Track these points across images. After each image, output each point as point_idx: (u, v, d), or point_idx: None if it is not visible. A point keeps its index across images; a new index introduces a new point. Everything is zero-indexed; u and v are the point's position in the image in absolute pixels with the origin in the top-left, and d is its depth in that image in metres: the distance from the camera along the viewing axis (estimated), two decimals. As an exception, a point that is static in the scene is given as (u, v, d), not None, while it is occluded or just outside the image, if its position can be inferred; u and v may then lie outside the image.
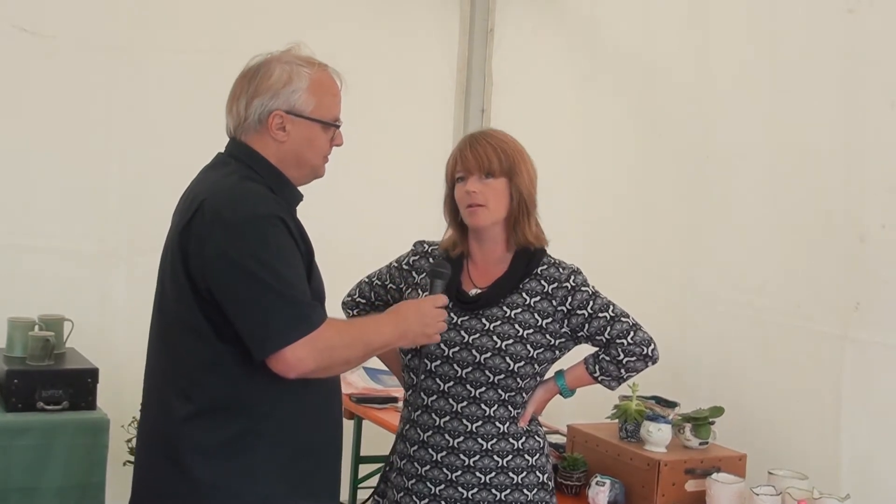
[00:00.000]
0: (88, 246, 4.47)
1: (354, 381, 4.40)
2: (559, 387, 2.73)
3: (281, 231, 2.24)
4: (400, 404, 3.31)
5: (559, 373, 2.74)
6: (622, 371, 2.68)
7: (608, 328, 2.64)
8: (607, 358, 2.67)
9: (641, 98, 4.24)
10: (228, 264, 2.20)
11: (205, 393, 2.28)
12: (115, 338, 4.31)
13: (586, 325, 2.64)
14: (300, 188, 2.46)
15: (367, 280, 2.90)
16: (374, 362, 2.94)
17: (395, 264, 2.83)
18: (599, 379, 2.71)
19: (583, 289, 2.65)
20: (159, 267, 2.41)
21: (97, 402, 3.86)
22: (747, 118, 3.69)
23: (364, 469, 4.48)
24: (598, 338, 2.66)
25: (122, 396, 3.85)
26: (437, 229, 2.85)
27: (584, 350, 2.74)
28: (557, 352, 2.66)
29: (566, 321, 2.63)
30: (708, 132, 3.87)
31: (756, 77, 3.67)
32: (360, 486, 4.47)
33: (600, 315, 2.64)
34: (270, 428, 2.29)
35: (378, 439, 4.04)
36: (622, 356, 2.65)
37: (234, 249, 2.19)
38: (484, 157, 2.61)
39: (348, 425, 4.34)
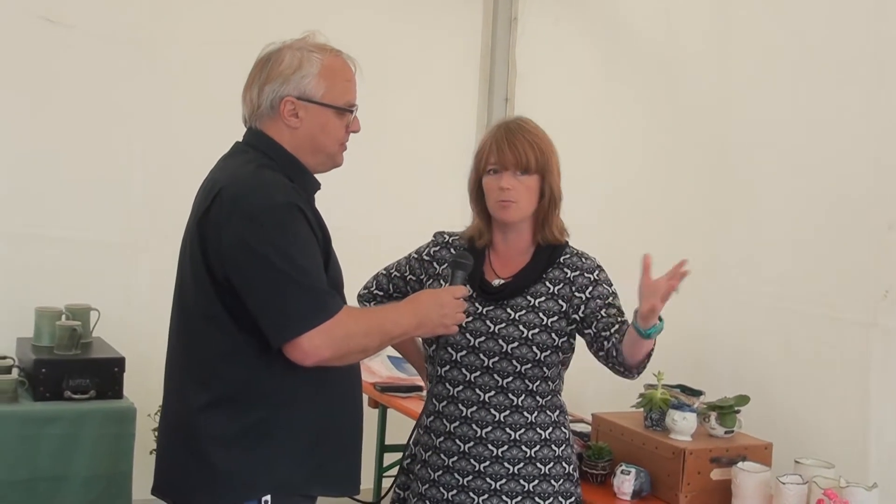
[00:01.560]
0: (113, 236, 4.48)
1: (378, 370, 4.37)
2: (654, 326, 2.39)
3: (298, 219, 2.22)
4: (424, 393, 3.29)
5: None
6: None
7: (621, 316, 2.58)
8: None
9: (664, 85, 4.19)
10: (246, 252, 2.18)
11: (223, 382, 2.26)
12: (141, 327, 4.30)
13: (603, 309, 2.58)
14: (318, 177, 2.44)
15: (384, 272, 2.86)
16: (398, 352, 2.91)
17: (415, 255, 2.80)
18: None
19: (605, 284, 2.63)
20: (179, 256, 2.40)
21: (124, 391, 3.87)
22: (771, 104, 3.63)
23: (389, 458, 4.47)
24: (619, 319, 2.56)
25: (148, 385, 3.82)
26: (458, 219, 2.81)
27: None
28: (571, 339, 2.63)
29: (583, 307, 2.59)
30: (731, 119, 3.82)
31: (780, 62, 3.61)
32: (384, 474, 4.45)
33: (616, 304, 2.61)
34: (288, 417, 2.28)
35: (403, 428, 4.02)
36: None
37: (251, 238, 2.18)
38: (523, 154, 2.57)
39: (373, 414, 4.33)
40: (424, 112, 5.03)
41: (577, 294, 2.60)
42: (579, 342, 2.67)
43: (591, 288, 2.60)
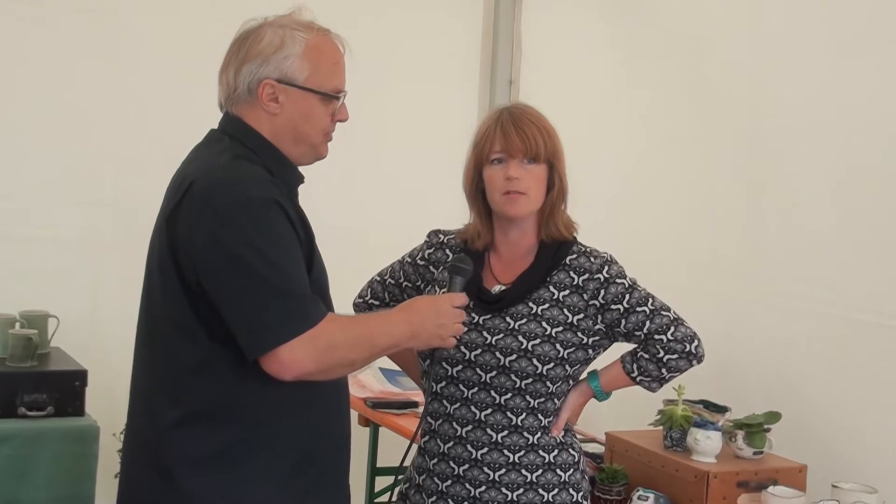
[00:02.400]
0: (76, 233, 4.45)
1: (370, 384, 4.36)
2: (593, 389, 2.67)
3: (277, 216, 2.19)
4: (420, 409, 3.30)
5: (592, 373, 2.68)
6: (663, 371, 2.61)
7: (647, 323, 2.57)
8: (646, 356, 2.61)
9: (688, 68, 4.17)
10: (218, 253, 2.16)
11: (195, 397, 2.25)
12: (107, 336, 4.30)
13: (623, 321, 2.57)
14: (303, 169, 2.42)
15: (379, 279, 2.84)
16: (392, 363, 2.89)
17: (409, 259, 2.77)
18: (638, 380, 2.64)
19: (618, 281, 2.58)
20: (147, 257, 2.38)
21: (86, 408, 3.86)
22: (811, 90, 3.61)
23: (381, 482, 4.46)
24: (636, 334, 2.59)
25: (113, 401, 3.82)
26: (456, 211, 2.79)
27: (623, 349, 2.67)
28: (591, 351, 2.59)
29: (600, 317, 2.57)
30: (767, 101, 3.78)
31: (818, 44, 3.58)
32: (376, 500, 4.44)
33: (638, 309, 2.58)
34: (268, 436, 2.26)
35: (396, 448, 3.98)
36: (662, 354, 2.58)
37: (225, 236, 2.15)
38: (532, 141, 2.55)
39: (363, 433, 4.32)
40: (422, 97, 5.03)
41: (591, 303, 2.57)
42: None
43: (602, 291, 2.57)
